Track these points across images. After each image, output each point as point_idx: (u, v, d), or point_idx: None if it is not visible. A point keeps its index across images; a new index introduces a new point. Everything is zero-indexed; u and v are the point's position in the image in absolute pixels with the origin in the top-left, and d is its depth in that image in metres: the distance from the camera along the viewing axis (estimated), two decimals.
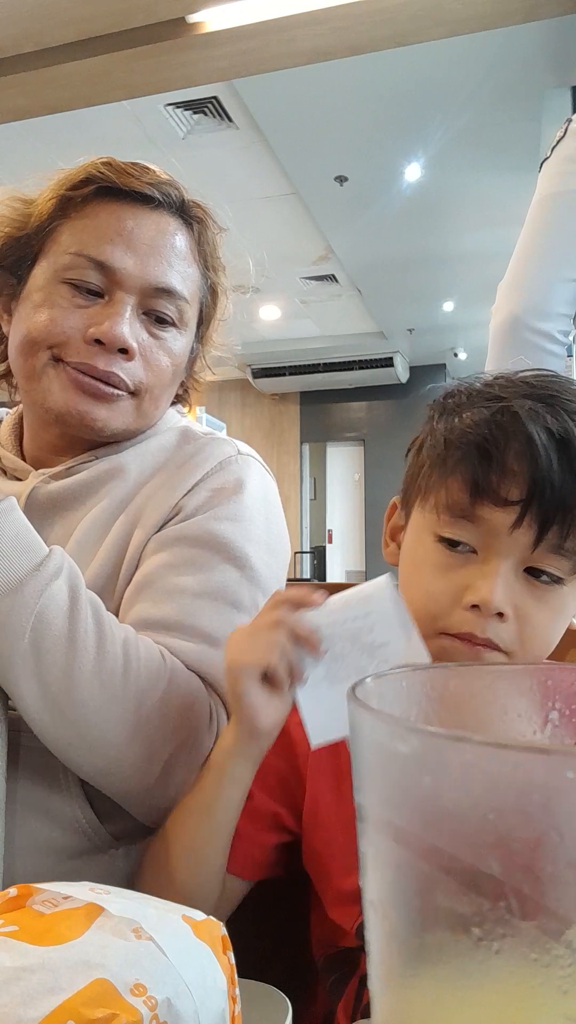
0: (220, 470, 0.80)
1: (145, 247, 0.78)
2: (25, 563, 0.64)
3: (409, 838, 0.22)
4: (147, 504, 0.79)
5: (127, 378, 0.78)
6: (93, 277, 0.77)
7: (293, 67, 2.69)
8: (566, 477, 0.57)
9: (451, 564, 0.62)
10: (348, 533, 10.22)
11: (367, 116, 4.16)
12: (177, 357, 0.83)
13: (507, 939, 0.20)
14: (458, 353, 8.99)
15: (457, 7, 2.33)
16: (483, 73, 3.68)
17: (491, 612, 0.59)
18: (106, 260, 0.76)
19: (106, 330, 0.75)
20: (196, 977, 0.30)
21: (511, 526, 0.58)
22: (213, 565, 0.75)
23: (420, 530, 0.65)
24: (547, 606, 0.61)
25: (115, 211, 0.78)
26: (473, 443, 0.60)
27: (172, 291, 0.79)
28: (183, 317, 0.82)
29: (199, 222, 0.84)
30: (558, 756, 0.20)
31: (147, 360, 0.79)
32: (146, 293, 0.78)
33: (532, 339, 1.28)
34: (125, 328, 0.76)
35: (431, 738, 0.21)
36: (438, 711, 0.29)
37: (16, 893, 0.33)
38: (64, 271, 0.77)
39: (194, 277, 0.83)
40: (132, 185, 0.78)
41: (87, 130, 3.95)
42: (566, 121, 1.36)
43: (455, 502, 0.61)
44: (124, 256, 0.76)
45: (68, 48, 2.64)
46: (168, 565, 0.74)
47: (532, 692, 0.30)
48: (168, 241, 0.79)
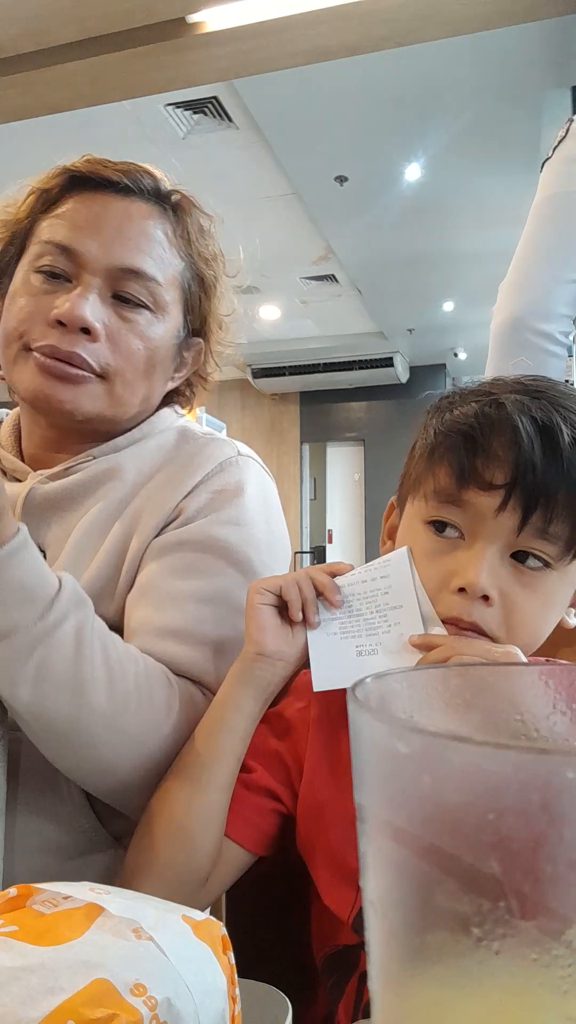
0: (220, 471, 0.80)
1: (112, 230, 0.78)
2: (28, 614, 0.62)
3: (409, 838, 0.22)
4: (146, 506, 0.78)
5: (91, 359, 0.77)
6: (60, 262, 0.77)
7: (293, 67, 2.69)
8: (549, 462, 0.59)
9: (439, 550, 0.63)
10: (348, 533, 10.22)
11: (367, 116, 4.16)
12: (153, 342, 0.81)
13: (507, 939, 0.20)
14: (458, 353, 8.99)
15: (457, 7, 2.33)
16: (483, 73, 3.68)
17: (476, 595, 0.60)
18: (70, 244, 0.77)
19: (66, 310, 0.75)
20: (196, 977, 0.30)
21: (496, 509, 0.60)
22: (216, 570, 0.75)
23: (411, 519, 0.67)
24: (534, 593, 0.61)
25: (85, 199, 0.79)
26: (460, 432, 0.62)
27: (141, 272, 0.79)
28: (158, 301, 0.81)
29: (178, 209, 0.84)
30: (558, 756, 0.20)
31: (115, 342, 0.78)
32: (113, 275, 0.78)
33: (533, 340, 1.28)
34: (85, 308, 0.76)
35: (431, 738, 0.21)
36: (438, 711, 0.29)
37: (16, 893, 0.33)
38: (36, 260, 0.78)
39: (172, 263, 0.82)
40: (100, 173, 0.79)
41: (87, 130, 3.95)
42: (567, 121, 1.36)
43: (442, 487, 0.63)
44: (89, 240, 0.77)
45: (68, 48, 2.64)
46: (171, 570, 0.74)
47: (533, 692, 0.30)
48: (138, 225, 0.79)
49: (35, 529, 0.79)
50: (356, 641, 0.64)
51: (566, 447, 0.59)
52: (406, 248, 6.01)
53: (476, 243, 5.71)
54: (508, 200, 4.85)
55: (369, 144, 4.50)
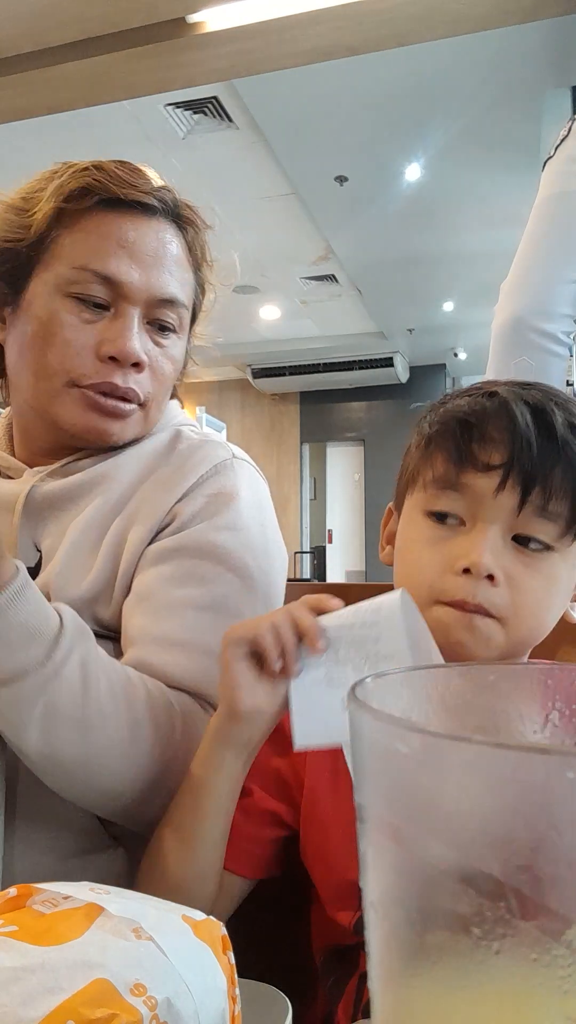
0: (214, 475, 0.80)
1: (149, 258, 0.78)
2: (34, 655, 0.61)
3: (409, 838, 0.22)
4: (141, 507, 0.78)
5: (141, 392, 0.79)
6: (98, 291, 0.77)
7: (293, 67, 2.69)
8: (544, 441, 0.60)
9: (441, 536, 0.63)
10: (348, 533, 10.21)
11: (367, 116, 4.16)
12: (177, 363, 0.84)
13: (507, 939, 0.20)
14: (458, 353, 8.99)
15: (457, 7, 2.33)
16: (483, 73, 3.68)
17: (481, 574, 0.60)
18: (112, 274, 0.76)
19: (121, 347, 0.76)
20: (196, 977, 0.30)
21: (495, 490, 0.60)
22: (214, 577, 0.75)
23: (410, 511, 0.67)
24: (539, 573, 0.62)
25: (115, 221, 0.77)
26: (456, 418, 0.63)
27: (175, 300, 0.80)
28: (182, 323, 0.83)
29: (190, 224, 0.84)
30: (558, 756, 0.20)
31: (154, 370, 0.81)
32: (151, 304, 0.79)
33: (535, 339, 1.28)
34: (136, 343, 0.77)
35: (431, 738, 0.21)
36: (438, 711, 0.29)
37: (16, 893, 0.33)
38: (68, 285, 0.76)
39: (189, 281, 0.84)
40: (132, 196, 0.78)
41: (87, 130, 3.95)
42: (569, 120, 1.36)
43: (440, 474, 0.63)
44: (129, 269, 0.77)
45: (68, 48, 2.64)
46: (169, 577, 0.74)
47: (532, 692, 0.30)
48: (168, 250, 0.80)
49: (32, 527, 0.79)
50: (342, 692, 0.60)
51: (560, 427, 0.60)
52: (406, 248, 6.01)
53: (476, 243, 5.71)
54: (508, 200, 4.85)
55: (369, 144, 4.50)
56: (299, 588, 0.89)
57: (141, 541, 0.77)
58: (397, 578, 0.68)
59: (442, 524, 0.64)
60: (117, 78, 2.72)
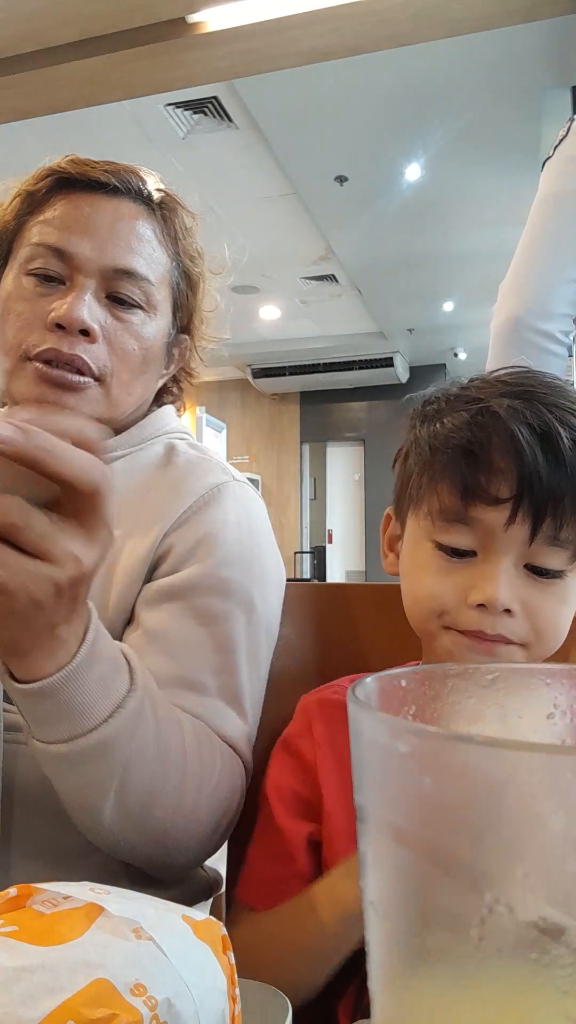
0: (211, 501, 0.78)
1: (103, 231, 0.78)
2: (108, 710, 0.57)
3: (409, 838, 0.22)
4: (136, 521, 0.77)
5: (91, 361, 0.77)
6: (53, 264, 0.77)
7: (293, 67, 2.69)
8: (552, 469, 0.58)
9: (452, 567, 0.62)
10: (348, 533, 10.22)
11: (367, 116, 4.16)
12: (147, 341, 0.81)
13: (507, 939, 0.20)
14: (458, 353, 9.00)
15: (457, 7, 2.33)
16: (483, 73, 3.68)
17: (498, 611, 0.59)
18: (63, 246, 0.76)
19: (64, 313, 0.75)
20: (196, 977, 0.30)
21: (505, 523, 0.59)
22: (225, 616, 0.74)
23: (417, 537, 0.65)
24: (553, 597, 0.61)
25: (73, 200, 0.79)
26: (458, 446, 0.61)
27: (133, 272, 0.79)
28: (150, 300, 0.81)
29: (163, 207, 0.84)
30: (558, 756, 0.20)
31: (111, 343, 0.78)
32: (106, 276, 0.78)
33: (533, 339, 1.28)
34: (84, 310, 0.76)
35: (431, 738, 0.21)
36: (438, 711, 0.29)
37: (16, 893, 0.33)
38: (27, 263, 0.78)
39: (161, 261, 0.82)
40: (88, 174, 0.79)
41: (87, 130, 3.95)
42: (568, 120, 1.36)
43: (447, 507, 0.61)
44: (81, 241, 0.77)
45: (68, 48, 2.65)
46: (181, 616, 0.73)
47: (532, 692, 0.30)
48: (128, 225, 0.79)
49: None
50: None
51: (567, 451, 0.58)
52: (406, 248, 6.01)
53: (476, 243, 5.71)
54: (508, 200, 4.85)
55: (369, 144, 4.50)
56: (299, 588, 0.89)
57: (137, 560, 0.75)
58: (406, 599, 0.67)
59: (454, 556, 0.62)
60: (117, 78, 2.72)
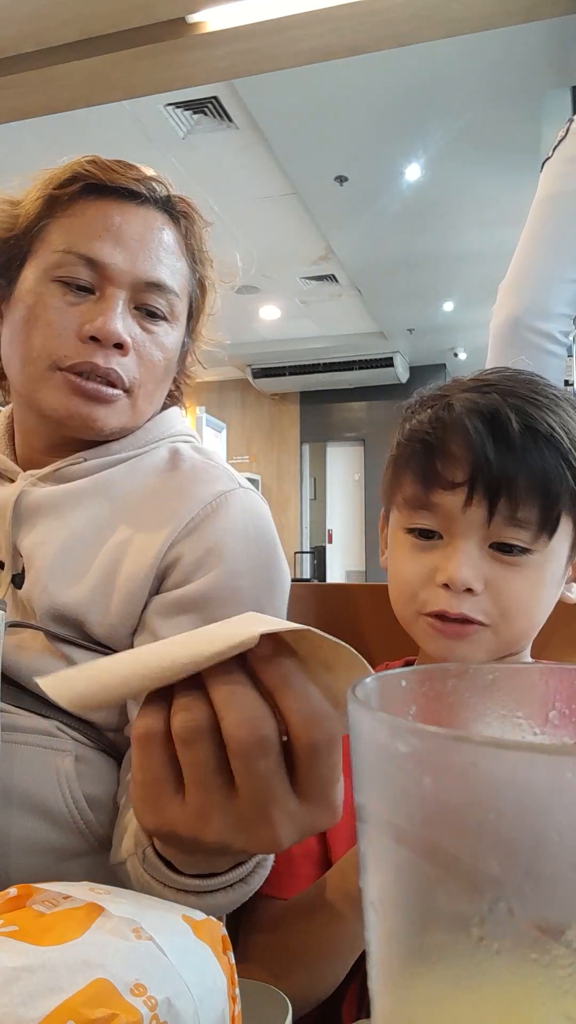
0: (218, 510, 0.77)
1: (134, 242, 0.78)
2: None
3: (409, 838, 0.22)
4: (142, 525, 0.76)
5: (124, 375, 0.77)
6: (83, 274, 0.77)
7: (293, 67, 2.69)
8: (501, 452, 0.62)
9: (422, 551, 0.66)
10: (348, 533, 10.22)
11: (367, 116, 4.16)
12: (169, 351, 0.82)
13: (507, 939, 0.20)
14: (458, 353, 9.00)
15: (457, 7, 2.33)
16: (483, 73, 3.68)
17: (459, 589, 0.62)
18: (96, 256, 0.76)
19: (100, 326, 0.75)
20: (196, 977, 0.30)
21: (463, 506, 0.63)
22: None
23: (394, 529, 0.70)
24: (520, 575, 0.63)
25: (102, 207, 0.78)
26: (419, 439, 0.65)
27: (162, 285, 0.79)
28: (174, 311, 0.82)
29: (185, 217, 0.84)
30: (558, 756, 0.20)
31: (140, 355, 0.79)
32: (137, 288, 0.78)
33: (532, 339, 1.28)
34: (119, 323, 0.76)
35: (431, 738, 0.21)
36: (438, 711, 0.29)
37: (16, 893, 0.33)
38: (54, 269, 0.77)
39: (183, 271, 0.83)
40: (118, 181, 0.78)
41: (87, 130, 3.95)
42: (568, 121, 1.36)
43: (412, 495, 0.66)
44: (113, 251, 0.76)
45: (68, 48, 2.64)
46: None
47: (532, 692, 0.30)
48: (156, 236, 0.79)
49: (19, 533, 0.78)
50: None
51: (516, 435, 0.61)
52: (406, 248, 6.01)
53: (476, 243, 5.71)
54: (508, 200, 4.85)
55: (369, 144, 4.50)
56: (299, 588, 0.89)
57: (143, 566, 0.74)
58: (390, 590, 0.70)
59: (422, 539, 0.66)
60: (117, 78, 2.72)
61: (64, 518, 0.78)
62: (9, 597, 0.77)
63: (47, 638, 0.74)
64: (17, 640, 0.74)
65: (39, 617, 0.74)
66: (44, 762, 0.69)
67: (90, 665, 0.39)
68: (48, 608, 0.73)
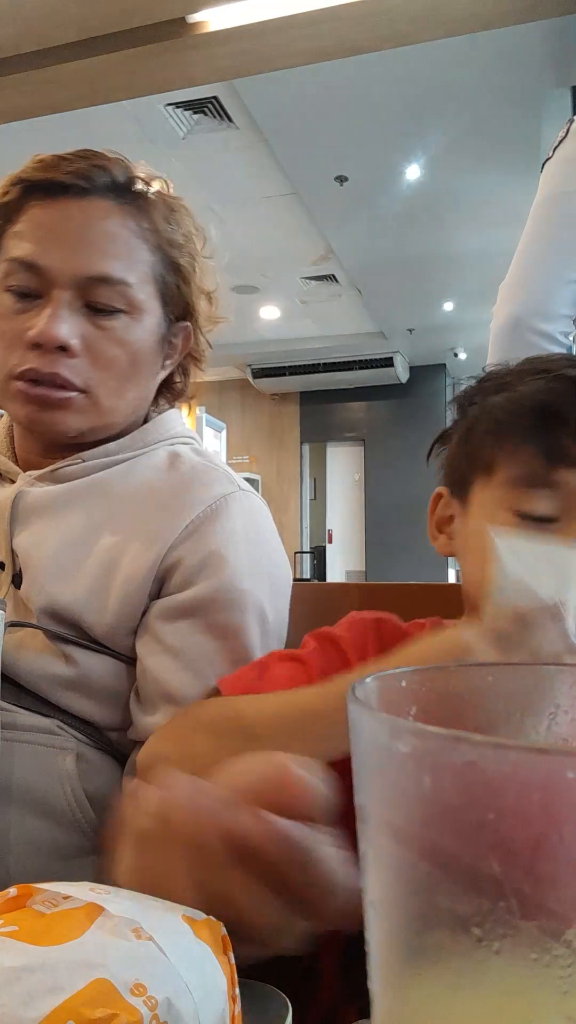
0: (217, 512, 0.77)
1: (72, 238, 0.76)
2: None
3: (409, 838, 0.22)
4: (140, 528, 0.76)
5: (72, 377, 0.76)
6: (27, 279, 0.75)
7: (293, 67, 2.69)
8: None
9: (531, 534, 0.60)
10: (348, 533, 10.22)
11: (367, 116, 4.16)
12: (133, 344, 0.79)
13: (507, 939, 0.20)
14: (458, 353, 9.00)
15: (457, 7, 2.33)
16: (483, 73, 3.68)
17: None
18: (33, 259, 0.75)
19: (39, 332, 0.74)
20: (196, 977, 0.30)
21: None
22: (241, 629, 0.74)
23: (490, 508, 0.63)
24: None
25: (45, 207, 0.76)
26: (537, 411, 0.60)
27: (108, 277, 0.76)
28: (132, 302, 0.78)
29: (140, 198, 0.80)
30: (558, 756, 0.20)
31: (94, 354, 0.77)
32: (81, 285, 0.76)
33: (533, 340, 1.28)
34: (59, 326, 0.74)
35: (431, 738, 0.21)
36: (438, 711, 0.29)
37: (16, 893, 0.33)
38: (4, 279, 0.77)
39: (141, 258, 0.79)
40: (53, 177, 0.76)
41: (87, 130, 3.94)
42: (568, 121, 1.36)
43: (530, 472, 0.60)
44: (49, 252, 0.75)
45: (68, 48, 2.64)
46: (199, 632, 0.73)
47: (533, 692, 0.30)
48: (98, 227, 0.77)
49: (16, 533, 0.78)
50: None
51: None
52: (406, 248, 6.02)
53: (476, 243, 5.71)
54: (508, 200, 4.86)
55: (369, 144, 4.51)
56: (299, 588, 0.89)
57: (141, 568, 0.74)
58: (471, 576, 0.64)
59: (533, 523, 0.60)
60: (117, 78, 2.72)
61: (59, 518, 0.78)
62: (9, 597, 0.77)
63: (47, 637, 0.74)
64: (17, 639, 0.74)
65: (37, 616, 0.74)
66: (45, 760, 0.69)
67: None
68: (45, 607, 0.73)
